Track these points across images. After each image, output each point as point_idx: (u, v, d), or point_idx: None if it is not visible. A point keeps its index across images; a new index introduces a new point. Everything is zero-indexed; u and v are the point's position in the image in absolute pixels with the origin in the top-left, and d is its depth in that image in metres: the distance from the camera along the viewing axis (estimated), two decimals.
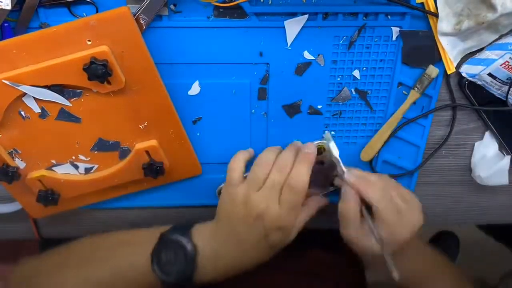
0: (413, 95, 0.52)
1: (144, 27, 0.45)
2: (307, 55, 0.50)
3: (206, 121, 0.53)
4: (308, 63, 0.51)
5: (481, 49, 0.50)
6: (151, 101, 0.49)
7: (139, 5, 0.45)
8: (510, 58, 0.50)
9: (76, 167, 0.52)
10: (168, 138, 0.52)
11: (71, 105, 0.47)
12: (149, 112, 0.50)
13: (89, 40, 0.43)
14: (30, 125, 0.48)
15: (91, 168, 0.53)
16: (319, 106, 0.54)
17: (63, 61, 0.43)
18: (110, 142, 0.51)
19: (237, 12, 0.47)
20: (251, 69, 0.51)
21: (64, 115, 0.48)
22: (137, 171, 0.53)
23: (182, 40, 0.48)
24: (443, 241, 1.30)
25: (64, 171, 0.53)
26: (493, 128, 0.56)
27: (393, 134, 0.55)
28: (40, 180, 0.52)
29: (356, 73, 0.52)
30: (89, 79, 0.43)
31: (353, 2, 0.47)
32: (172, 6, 0.46)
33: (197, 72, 0.50)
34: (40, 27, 0.46)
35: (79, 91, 0.46)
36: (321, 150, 0.52)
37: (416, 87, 0.52)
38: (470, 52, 0.51)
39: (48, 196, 0.52)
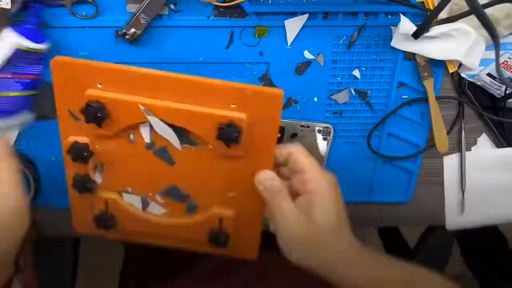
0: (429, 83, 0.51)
1: (144, 27, 0.45)
2: (307, 55, 0.50)
3: None
4: (308, 63, 0.51)
5: None
6: (254, 176, 0.46)
7: (139, 5, 0.45)
8: (509, 57, 0.50)
9: (147, 204, 0.51)
10: (245, 216, 0.50)
11: (181, 149, 0.46)
12: (245, 185, 0.47)
13: (234, 104, 0.43)
14: (131, 150, 0.47)
15: (159, 211, 0.51)
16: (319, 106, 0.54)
17: (202, 111, 0.43)
18: (183, 193, 0.49)
19: (237, 11, 0.47)
20: (251, 68, 0.51)
21: (162, 153, 0.47)
22: (200, 233, 0.51)
23: (182, 40, 0.48)
24: (436, 236, 1.27)
25: (131, 201, 0.51)
26: (493, 127, 0.56)
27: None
28: (107, 202, 0.50)
29: (356, 72, 0.52)
30: (218, 138, 0.43)
31: (353, 2, 0.47)
32: (172, 6, 0.46)
33: (197, 72, 0.50)
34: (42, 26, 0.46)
35: (196, 141, 0.46)
36: None
37: None
38: None
39: (106, 220, 0.50)
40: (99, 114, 0.43)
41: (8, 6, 0.42)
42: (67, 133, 0.46)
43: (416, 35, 0.47)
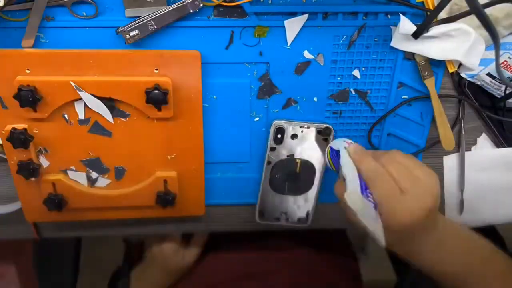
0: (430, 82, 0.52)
1: (150, 33, 0.46)
2: (307, 55, 0.50)
3: (206, 120, 0.53)
4: (308, 63, 0.51)
5: None
6: (187, 136, 0.52)
7: (137, 9, 0.45)
8: (508, 57, 0.50)
9: (90, 178, 0.54)
10: (187, 174, 0.55)
11: (113, 122, 0.50)
12: (182, 146, 0.52)
13: (157, 69, 0.47)
14: (68, 130, 0.50)
15: (105, 182, 0.54)
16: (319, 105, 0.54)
17: (130, 80, 0.47)
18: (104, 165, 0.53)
19: (237, 11, 0.47)
20: (251, 68, 0.51)
21: (98, 128, 0.50)
22: (148, 197, 0.55)
23: (182, 40, 0.48)
24: None
25: (76, 178, 0.54)
26: (493, 127, 0.56)
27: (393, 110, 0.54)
28: (54, 184, 0.53)
29: (356, 72, 0.52)
30: (147, 102, 0.47)
31: (353, 2, 0.47)
32: None
33: None
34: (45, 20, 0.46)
35: (127, 113, 0.50)
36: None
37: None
38: None
39: (56, 200, 0.53)
40: (31, 97, 0.45)
41: (1, 4, 0.42)
42: (4, 123, 0.49)
43: (416, 35, 0.47)
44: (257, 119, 0.54)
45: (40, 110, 0.48)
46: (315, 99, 0.53)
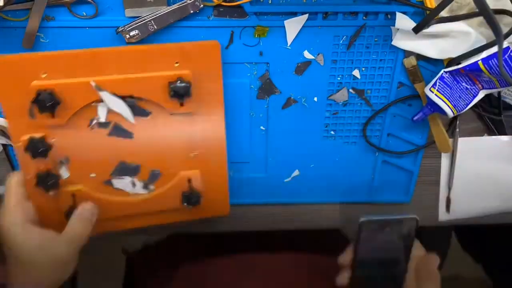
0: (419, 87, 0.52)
1: (150, 34, 0.46)
2: (307, 55, 0.50)
3: None
4: (308, 63, 0.51)
5: None
6: (210, 131, 0.50)
7: (137, 9, 0.45)
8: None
9: (113, 185, 0.51)
10: (211, 172, 0.53)
11: (134, 122, 0.48)
12: (204, 142, 0.51)
13: (177, 62, 0.46)
14: (88, 136, 0.48)
15: (130, 188, 0.52)
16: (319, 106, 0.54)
17: (151, 76, 0.46)
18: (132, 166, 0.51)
19: (237, 11, 0.47)
20: (251, 68, 0.51)
21: (118, 130, 0.49)
22: (173, 199, 0.52)
23: (182, 40, 0.48)
24: (431, 236, 1.27)
25: (98, 187, 0.51)
26: (493, 127, 0.56)
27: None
28: (74, 195, 0.50)
29: (356, 72, 0.52)
30: (172, 96, 0.46)
31: (353, 2, 0.47)
32: None
33: None
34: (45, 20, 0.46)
35: (148, 111, 0.48)
36: None
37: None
38: None
39: None
40: (51, 102, 0.44)
41: (1, 3, 0.42)
42: (20, 132, 0.46)
43: (416, 29, 0.46)
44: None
45: (58, 115, 0.45)
46: (315, 99, 0.53)
